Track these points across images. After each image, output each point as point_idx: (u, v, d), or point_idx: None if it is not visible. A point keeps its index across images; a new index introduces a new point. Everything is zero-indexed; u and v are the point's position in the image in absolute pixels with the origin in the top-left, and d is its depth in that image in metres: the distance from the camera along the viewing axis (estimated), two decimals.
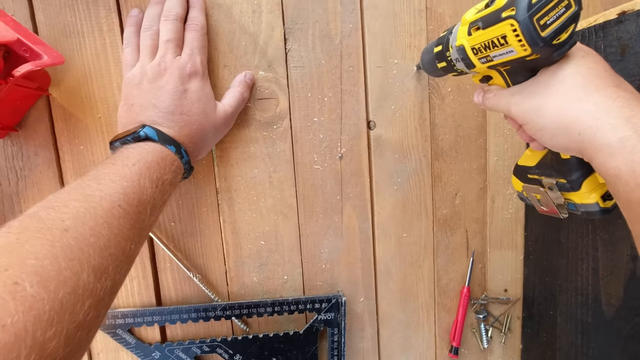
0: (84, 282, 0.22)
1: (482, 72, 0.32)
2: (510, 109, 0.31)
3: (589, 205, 0.31)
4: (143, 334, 0.43)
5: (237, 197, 0.44)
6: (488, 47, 0.28)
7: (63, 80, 0.38)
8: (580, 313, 0.44)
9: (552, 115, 0.28)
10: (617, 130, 0.24)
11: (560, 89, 0.27)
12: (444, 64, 0.34)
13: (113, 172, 0.29)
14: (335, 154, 0.45)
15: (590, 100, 0.26)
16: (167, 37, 0.36)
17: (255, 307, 0.43)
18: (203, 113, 0.36)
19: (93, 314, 0.23)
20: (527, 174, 0.36)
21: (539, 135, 0.29)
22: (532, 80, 0.29)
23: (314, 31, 0.43)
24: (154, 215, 0.31)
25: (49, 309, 0.20)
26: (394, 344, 0.51)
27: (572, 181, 0.31)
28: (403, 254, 0.49)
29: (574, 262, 0.44)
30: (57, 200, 0.25)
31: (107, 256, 0.25)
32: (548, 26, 0.24)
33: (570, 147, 0.28)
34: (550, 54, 0.26)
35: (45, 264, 0.21)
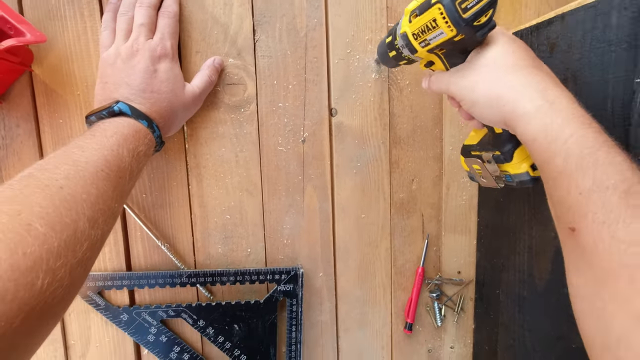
0: (82, 228, 0.27)
1: (424, 56, 0.36)
2: (449, 88, 0.35)
3: (521, 175, 0.35)
4: (112, 297, 0.46)
5: (205, 173, 0.47)
6: (424, 31, 0.32)
7: (46, 58, 0.42)
8: (518, 289, 0.47)
9: (482, 90, 0.32)
10: (533, 100, 0.29)
11: (489, 67, 0.32)
12: (394, 53, 0.38)
13: (94, 141, 0.33)
14: (298, 137, 0.49)
15: (513, 77, 0.30)
16: (140, 21, 0.40)
17: (219, 275, 0.47)
18: (172, 92, 0.40)
19: (89, 254, 0.28)
20: (471, 151, 0.41)
21: (473, 110, 0.34)
22: (466, 62, 0.34)
23: (281, 24, 0.47)
24: (131, 181, 0.35)
25: (57, 245, 0.24)
26: (351, 319, 0.54)
27: (504, 152, 0.35)
28: (361, 234, 0.53)
29: (514, 241, 0.48)
30: (48, 163, 0.29)
31: (97, 210, 0.29)
32: (469, 9, 0.29)
33: (498, 120, 0.32)
34: (473, 34, 0.30)
35: (49, 211, 0.25)
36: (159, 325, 0.46)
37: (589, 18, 0.36)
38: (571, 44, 0.38)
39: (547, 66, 0.35)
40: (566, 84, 0.39)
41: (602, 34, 0.35)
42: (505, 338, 0.50)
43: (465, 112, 0.37)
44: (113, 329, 0.47)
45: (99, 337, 0.47)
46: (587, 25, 0.36)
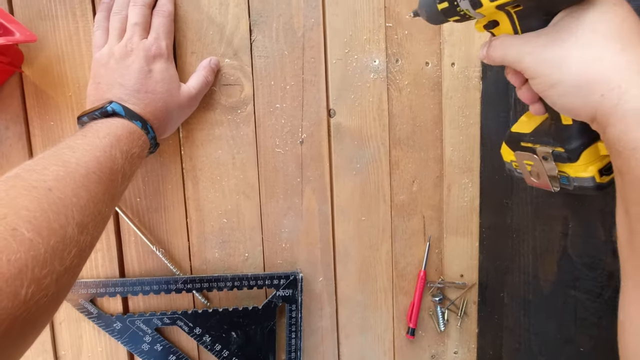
0: (70, 234, 0.25)
1: (488, 14, 0.28)
2: (523, 58, 0.26)
3: (584, 180, 0.29)
4: (105, 305, 0.45)
5: (201, 176, 0.46)
6: None
7: (36, 59, 0.41)
8: (523, 291, 0.46)
9: (575, 68, 0.24)
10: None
11: (588, 38, 0.23)
12: (445, 5, 0.28)
13: (86, 142, 0.31)
14: (296, 138, 0.48)
15: (624, 56, 0.22)
16: (134, 20, 0.39)
17: (216, 281, 0.45)
18: (167, 92, 0.39)
19: (77, 262, 0.26)
20: (521, 141, 0.33)
21: (551, 92, 0.26)
22: (552, 26, 0.25)
23: (277, 24, 0.47)
24: (124, 184, 0.34)
25: (43, 251, 0.23)
26: (352, 325, 0.53)
27: (570, 150, 0.29)
28: (361, 237, 0.51)
29: (517, 243, 0.47)
30: (37, 164, 0.28)
31: (87, 214, 0.27)
32: None
33: (583, 110, 0.25)
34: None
35: (36, 215, 0.24)
36: (154, 334, 0.45)
37: None
38: None
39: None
40: None
41: None
42: (510, 342, 0.49)
43: (530, 91, 0.30)
44: (106, 338, 0.45)
45: (91, 347, 0.45)
46: None
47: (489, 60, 0.30)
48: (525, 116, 0.35)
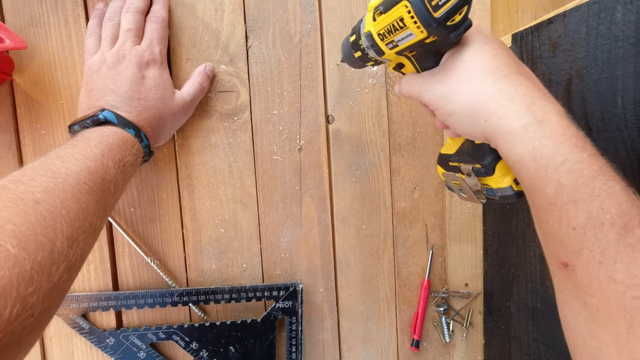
0: (59, 248, 0.24)
1: (392, 59, 0.32)
2: (422, 94, 0.31)
3: (504, 189, 0.32)
4: (98, 320, 0.43)
5: (197, 184, 0.45)
6: (391, 31, 0.28)
7: (27, 67, 0.40)
8: (531, 300, 0.45)
9: (461, 101, 0.28)
10: (519, 117, 0.25)
11: (468, 74, 0.27)
12: (359, 54, 0.33)
13: (76, 152, 0.30)
14: (294, 145, 0.47)
15: (496, 86, 0.26)
16: (127, 26, 0.38)
17: (213, 293, 0.44)
18: (161, 99, 0.38)
19: (66, 277, 0.25)
20: (448, 161, 0.37)
21: (450, 121, 0.30)
22: (440, 66, 0.30)
23: (274, 30, 0.46)
24: (117, 194, 0.33)
25: (29, 268, 0.22)
26: (354, 336, 0.51)
27: (485, 165, 0.31)
28: (362, 246, 0.50)
29: (523, 250, 0.45)
30: (24, 175, 0.27)
31: (77, 227, 0.26)
32: (440, 7, 0.25)
33: (477, 134, 0.28)
34: (446, 35, 0.26)
35: (22, 229, 0.23)
36: (148, 349, 0.43)
37: (593, 15, 0.35)
38: (574, 42, 0.37)
39: (548, 65, 0.33)
40: (571, 82, 0.38)
41: (607, 31, 0.34)
42: (518, 353, 0.47)
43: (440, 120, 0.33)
44: (98, 355, 0.43)
45: None
46: (591, 22, 0.35)
47: (402, 96, 0.35)
48: (450, 139, 0.38)
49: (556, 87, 0.39)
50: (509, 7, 0.53)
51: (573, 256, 0.23)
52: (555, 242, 0.24)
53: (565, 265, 0.24)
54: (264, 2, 0.45)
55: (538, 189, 0.24)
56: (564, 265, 0.24)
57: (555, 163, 0.23)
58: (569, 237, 0.23)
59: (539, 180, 0.24)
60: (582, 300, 0.23)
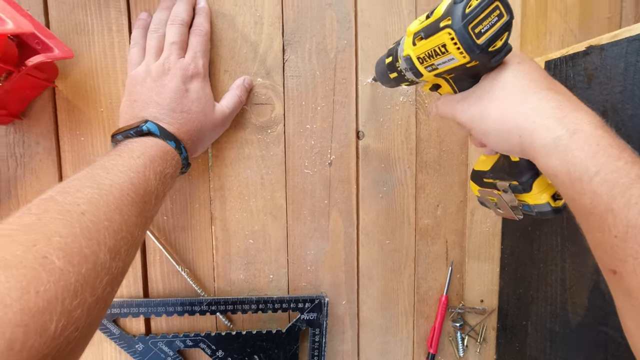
0: (102, 261, 0.24)
1: (430, 80, 0.34)
2: (457, 115, 0.32)
3: (541, 206, 0.32)
4: (127, 325, 0.44)
5: (229, 195, 0.46)
6: (432, 55, 0.29)
7: (70, 73, 0.40)
8: (550, 322, 0.46)
9: (494, 120, 0.29)
10: (551, 130, 0.25)
11: (501, 94, 0.29)
12: (395, 75, 0.35)
13: (120, 163, 0.31)
14: (325, 160, 0.48)
15: (527, 103, 0.27)
16: (172, 39, 0.38)
17: (241, 303, 0.45)
18: (202, 112, 0.39)
19: (108, 290, 0.25)
20: (483, 178, 0.37)
21: (485, 140, 0.31)
22: (475, 87, 0.31)
23: (310, 45, 0.46)
24: (157, 206, 0.33)
25: (74, 281, 0.22)
26: (373, 349, 0.52)
27: (523, 182, 0.32)
28: (385, 260, 0.51)
29: (544, 273, 0.47)
30: (70, 186, 0.27)
31: (119, 239, 0.26)
32: (483, 34, 0.26)
33: (513, 150, 0.29)
34: (488, 60, 0.27)
35: (68, 241, 0.23)
36: (176, 356, 0.44)
37: (632, 51, 0.36)
38: (611, 75, 0.38)
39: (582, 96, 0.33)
40: (606, 116, 0.38)
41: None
42: None
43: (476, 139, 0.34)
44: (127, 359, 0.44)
45: None
46: (630, 58, 0.36)
47: (438, 117, 0.36)
48: (483, 155, 0.38)
49: None
50: (538, 30, 0.54)
51: (619, 264, 0.23)
52: (601, 250, 0.24)
53: (614, 273, 0.24)
54: (302, 17, 0.46)
55: (575, 199, 0.25)
56: (612, 272, 0.24)
57: (589, 174, 0.24)
58: (613, 245, 0.23)
59: (575, 192, 0.25)
60: (636, 307, 0.23)
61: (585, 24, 0.55)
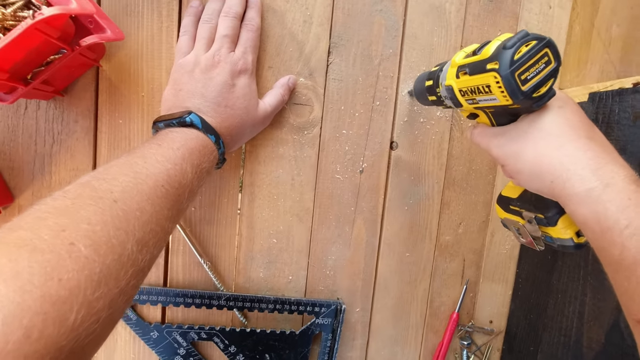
0: (129, 252, 0.23)
1: (469, 110, 0.34)
2: (492, 149, 0.33)
3: (564, 240, 0.33)
4: (144, 312, 0.44)
5: (258, 193, 0.45)
6: (474, 92, 0.29)
7: (115, 54, 0.40)
8: (561, 353, 0.46)
9: (528, 161, 0.29)
10: (584, 181, 0.26)
11: (538, 136, 0.29)
12: (434, 98, 0.36)
13: (159, 153, 0.30)
14: (357, 167, 0.47)
15: (563, 150, 0.27)
16: (225, 32, 0.37)
17: (258, 302, 0.45)
18: (245, 109, 0.38)
19: (133, 283, 0.24)
20: (510, 204, 0.38)
21: (517, 177, 0.31)
22: (513, 125, 0.31)
23: (356, 49, 0.46)
24: (190, 200, 0.32)
25: (98, 271, 0.21)
26: (380, 358, 0.52)
27: (549, 217, 0.32)
28: (402, 272, 0.51)
29: (561, 303, 0.47)
30: (108, 173, 0.26)
31: (148, 231, 0.25)
32: (529, 81, 0.26)
33: (544, 191, 0.30)
34: (530, 105, 0.28)
35: (96, 229, 0.22)
36: (189, 347, 0.44)
37: None
38: None
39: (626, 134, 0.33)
40: None
41: None
42: None
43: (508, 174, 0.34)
44: (140, 346, 0.44)
45: (123, 353, 0.44)
46: None
47: (472, 143, 0.37)
48: (512, 182, 0.38)
49: (630, 156, 0.40)
50: (579, 59, 0.53)
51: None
52: (627, 298, 0.25)
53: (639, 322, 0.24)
54: (351, 20, 0.45)
55: (604, 249, 0.25)
56: (638, 322, 0.24)
57: (619, 227, 0.24)
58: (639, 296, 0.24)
59: (605, 242, 0.25)
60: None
61: (626, 58, 0.54)
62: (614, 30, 0.53)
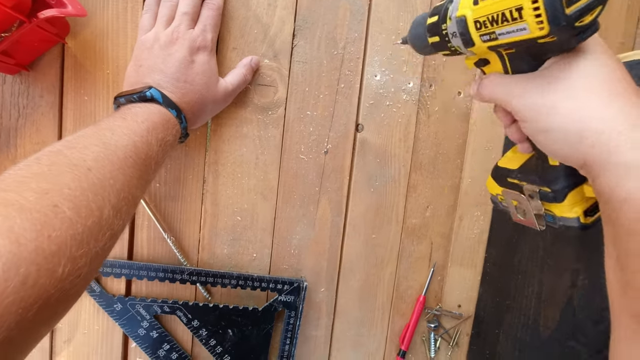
0: (106, 216, 0.25)
1: (479, 53, 0.28)
2: (513, 100, 0.26)
3: (569, 220, 0.29)
4: (108, 285, 0.45)
5: (222, 171, 0.46)
6: (496, 21, 0.23)
7: (81, 32, 0.41)
8: (521, 332, 0.47)
9: (564, 117, 0.24)
10: (637, 148, 0.21)
11: (579, 87, 0.23)
12: (436, 39, 0.29)
13: (125, 125, 0.31)
14: (321, 148, 0.48)
15: (613, 108, 0.22)
16: (184, 9, 0.39)
17: (221, 277, 0.46)
18: (205, 85, 0.39)
19: (108, 245, 0.26)
20: (507, 177, 0.33)
21: (540, 138, 0.26)
22: (542, 71, 0.25)
23: (321, 33, 0.47)
24: (156, 171, 0.34)
25: (81, 231, 0.23)
26: (346, 339, 0.53)
27: (556, 191, 0.28)
28: (368, 254, 0.52)
29: (522, 284, 0.47)
30: (78, 142, 0.28)
31: (122, 198, 0.27)
32: (574, 2, 0.20)
33: (573, 158, 0.25)
34: (569, 38, 0.22)
35: (77, 194, 0.24)
36: (152, 320, 0.45)
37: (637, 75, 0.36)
38: None
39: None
40: None
41: None
42: None
43: (518, 132, 0.29)
44: (104, 318, 0.45)
45: (88, 324, 0.45)
46: None
47: (478, 98, 0.30)
48: (512, 151, 0.34)
49: None
50: None
51: None
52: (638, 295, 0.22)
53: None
54: (316, 4, 0.46)
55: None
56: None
57: None
58: None
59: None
60: None
61: None
62: None
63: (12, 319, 0.19)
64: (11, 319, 0.19)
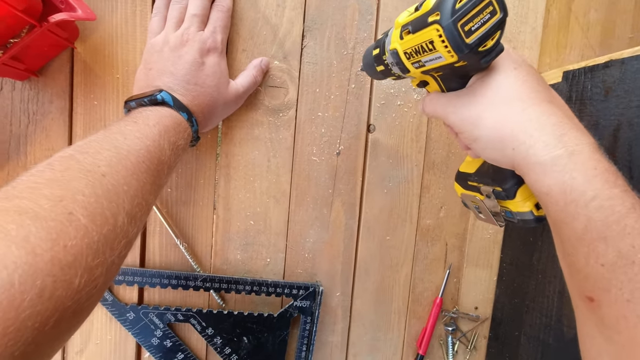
0: (121, 223, 0.24)
1: (417, 77, 0.32)
2: (448, 116, 0.30)
3: (524, 214, 0.31)
4: (121, 293, 0.44)
5: (234, 174, 0.46)
6: (418, 51, 0.27)
7: (90, 37, 0.41)
8: (543, 334, 0.46)
9: (488, 127, 0.27)
10: (549, 148, 0.24)
11: (496, 100, 0.27)
12: (382, 68, 0.33)
13: (136, 129, 0.31)
14: (333, 149, 0.48)
15: (525, 115, 0.26)
16: (194, 11, 0.38)
17: (235, 283, 0.45)
18: (216, 87, 0.39)
19: (124, 253, 0.25)
20: (467, 181, 0.36)
21: (474, 146, 0.29)
22: (468, 88, 0.29)
23: (330, 33, 0.46)
24: (168, 176, 0.33)
25: (97, 240, 0.22)
26: (362, 343, 0.52)
27: (507, 189, 0.31)
28: (383, 256, 0.51)
29: (542, 284, 0.46)
30: (89, 147, 0.27)
31: (136, 204, 0.26)
32: (473, 32, 0.24)
33: (503, 161, 0.28)
34: (477, 61, 0.25)
35: (91, 201, 0.23)
36: (165, 329, 0.44)
37: None
38: (629, 90, 0.37)
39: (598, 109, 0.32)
40: (620, 129, 0.38)
41: None
42: None
43: (462, 141, 0.32)
44: (116, 327, 0.44)
45: (100, 334, 0.44)
46: None
47: (425, 114, 0.35)
48: (469, 157, 0.37)
49: (603, 130, 0.40)
50: (558, 43, 0.53)
51: (600, 292, 0.23)
52: (581, 277, 0.24)
53: (591, 300, 0.23)
54: (324, 4, 0.46)
55: (566, 222, 0.24)
56: (589, 299, 0.24)
57: (585, 198, 0.23)
58: (596, 273, 0.23)
59: (568, 214, 0.24)
60: (607, 336, 0.23)
61: (606, 42, 0.54)
62: (591, 15, 0.54)
63: (28, 334, 0.18)
64: (28, 333, 0.18)
